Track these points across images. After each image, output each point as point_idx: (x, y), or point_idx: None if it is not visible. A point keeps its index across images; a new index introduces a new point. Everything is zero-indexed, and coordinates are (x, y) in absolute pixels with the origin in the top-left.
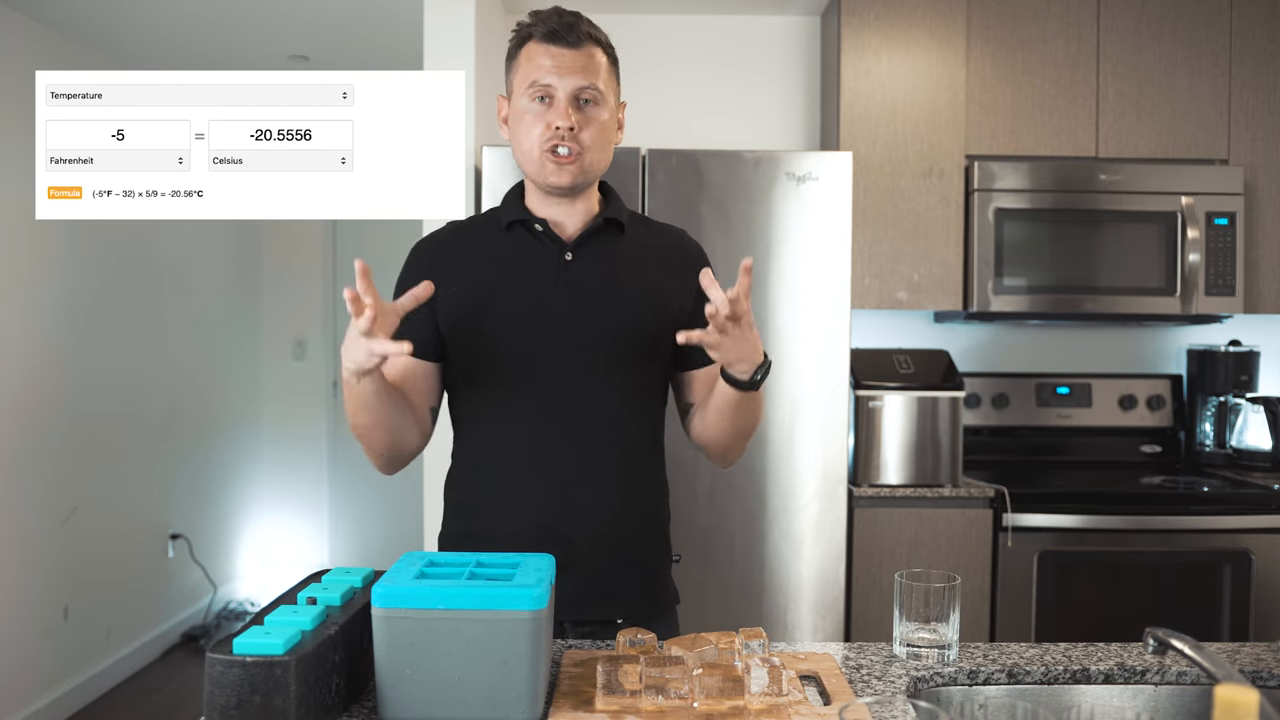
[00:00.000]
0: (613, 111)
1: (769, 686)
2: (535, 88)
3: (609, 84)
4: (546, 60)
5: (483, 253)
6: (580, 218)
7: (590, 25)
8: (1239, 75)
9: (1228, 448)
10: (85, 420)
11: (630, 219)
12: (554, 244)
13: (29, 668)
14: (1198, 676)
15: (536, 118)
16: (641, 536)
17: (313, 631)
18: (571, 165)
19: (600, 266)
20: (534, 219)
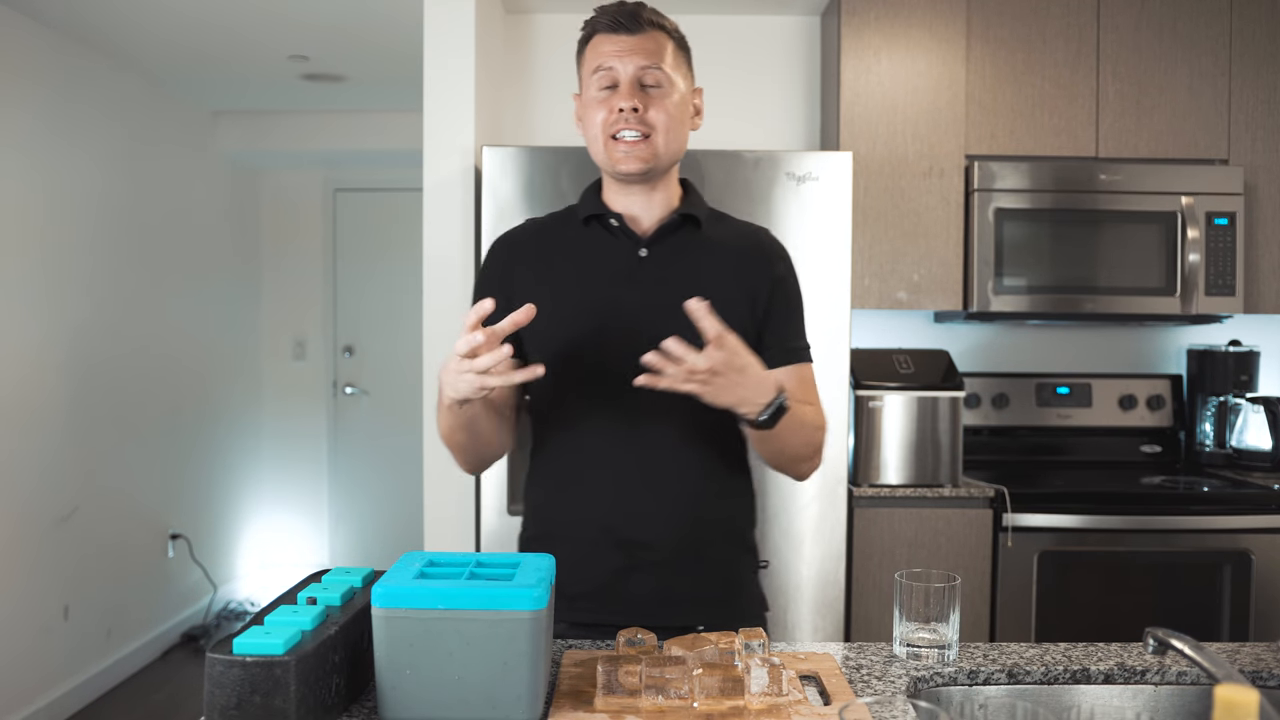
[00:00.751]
0: (684, 95)
1: (769, 686)
2: (599, 73)
3: (676, 67)
4: (609, 46)
5: (558, 250)
6: (657, 212)
7: (654, 13)
8: (1239, 75)
9: (1228, 448)
10: (85, 420)
11: (709, 215)
12: (629, 240)
13: (29, 667)
14: (1198, 676)
15: (601, 103)
16: (720, 541)
17: (313, 631)
18: (640, 149)
19: (676, 263)
20: (609, 213)
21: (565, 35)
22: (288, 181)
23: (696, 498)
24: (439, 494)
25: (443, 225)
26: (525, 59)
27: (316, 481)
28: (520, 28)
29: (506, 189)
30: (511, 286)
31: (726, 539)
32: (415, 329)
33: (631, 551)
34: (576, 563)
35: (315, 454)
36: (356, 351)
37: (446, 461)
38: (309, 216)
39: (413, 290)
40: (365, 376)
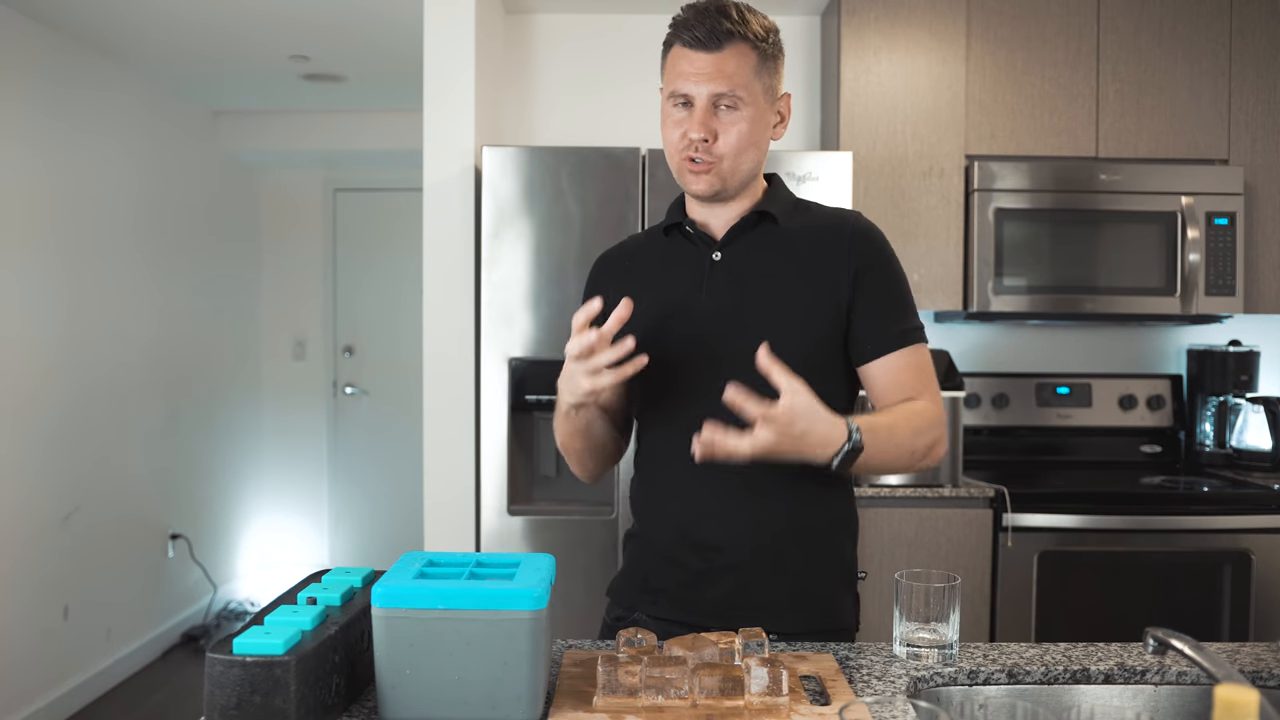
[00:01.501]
0: (760, 111)
1: (768, 686)
2: (675, 95)
3: (755, 83)
4: (687, 66)
5: (646, 260)
6: (733, 215)
7: (737, 21)
8: (1239, 76)
9: (1228, 448)
10: (85, 421)
11: (790, 208)
12: (704, 245)
13: (29, 667)
14: (1198, 676)
15: (676, 124)
16: (804, 549)
17: (313, 631)
18: (707, 175)
19: (749, 262)
20: (687, 221)
21: (565, 35)
22: (288, 181)
23: (771, 504)
24: (439, 494)
25: (443, 225)
26: (525, 59)
27: (316, 481)
28: (520, 28)
29: (506, 189)
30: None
31: (809, 547)
32: (415, 329)
33: (705, 555)
34: (658, 560)
35: (315, 454)
36: (356, 351)
37: (447, 461)
38: (309, 216)
39: (412, 290)
40: (365, 376)
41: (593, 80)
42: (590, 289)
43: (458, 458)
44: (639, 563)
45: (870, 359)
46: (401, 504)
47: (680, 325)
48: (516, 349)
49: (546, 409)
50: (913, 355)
